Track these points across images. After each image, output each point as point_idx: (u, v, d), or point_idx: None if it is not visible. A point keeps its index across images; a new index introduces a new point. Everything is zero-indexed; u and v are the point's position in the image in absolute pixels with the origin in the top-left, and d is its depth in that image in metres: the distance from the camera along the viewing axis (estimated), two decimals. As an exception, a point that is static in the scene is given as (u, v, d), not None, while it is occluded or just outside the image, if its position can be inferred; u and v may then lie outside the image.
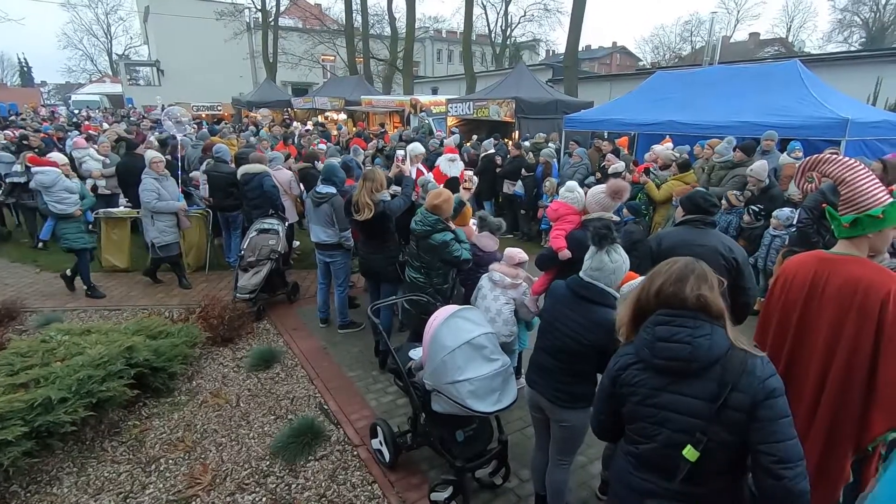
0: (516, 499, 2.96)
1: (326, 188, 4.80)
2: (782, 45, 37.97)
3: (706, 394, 1.49)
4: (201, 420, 3.74)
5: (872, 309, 1.87)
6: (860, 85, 11.23)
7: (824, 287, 2.00)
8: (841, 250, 2.05)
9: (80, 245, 5.74)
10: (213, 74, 32.28)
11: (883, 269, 2.00)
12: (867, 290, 1.89)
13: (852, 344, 1.92)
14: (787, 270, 2.19)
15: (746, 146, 6.11)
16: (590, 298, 2.28)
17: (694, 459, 1.48)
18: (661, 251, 2.75)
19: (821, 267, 2.04)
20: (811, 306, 2.04)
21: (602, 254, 2.26)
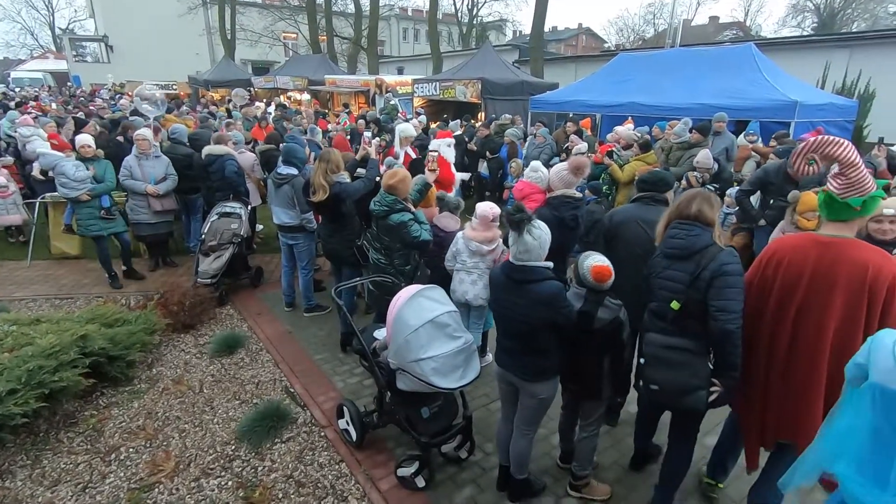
0: (481, 471, 3.05)
1: (287, 169, 4.71)
2: (740, 28, 38.98)
3: (688, 270, 2.29)
4: (163, 407, 3.67)
5: (880, 291, 1.97)
6: (810, 69, 11.69)
7: (830, 270, 2.05)
8: (835, 233, 2.10)
9: (93, 232, 5.46)
10: (168, 51, 30.70)
11: (882, 251, 2.09)
12: (876, 274, 1.97)
13: (866, 323, 2.01)
14: (780, 251, 2.23)
15: (702, 127, 6.31)
16: (525, 280, 2.37)
17: (677, 308, 2.30)
18: (611, 226, 2.85)
19: (821, 249, 2.09)
20: (818, 289, 2.08)
21: (524, 235, 2.32)
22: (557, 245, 3.13)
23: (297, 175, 4.68)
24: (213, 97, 20.64)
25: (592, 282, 2.45)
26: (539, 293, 2.34)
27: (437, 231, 3.88)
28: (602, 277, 2.43)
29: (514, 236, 2.37)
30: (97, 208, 5.42)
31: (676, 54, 10.67)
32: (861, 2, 33.33)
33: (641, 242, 2.82)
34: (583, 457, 2.79)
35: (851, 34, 17.62)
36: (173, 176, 5.90)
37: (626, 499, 2.86)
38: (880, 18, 33.32)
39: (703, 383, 2.27)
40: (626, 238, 2.88)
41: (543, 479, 2.94)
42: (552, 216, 3.09)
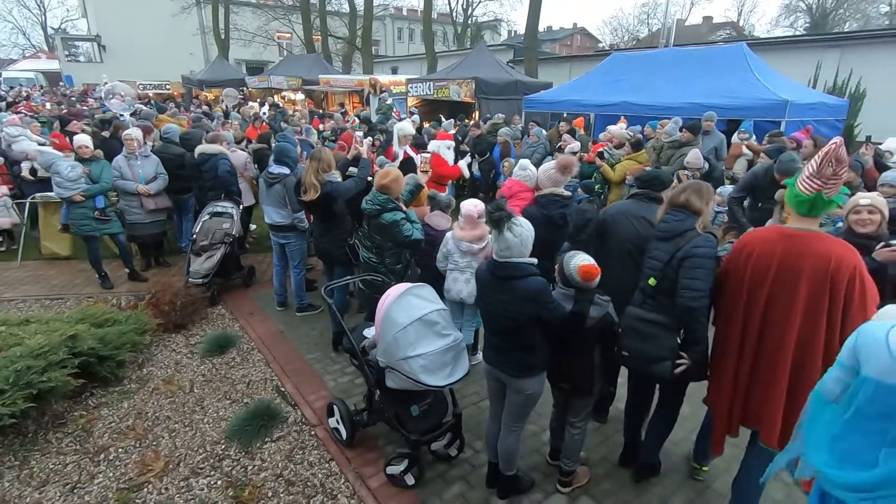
0: (470, 468, 3.06)
1: (279, 168, 4.70)
2: (734, 28, 39.17)
3: (668, 251, 2.47)
4: (153, 407, 3.66)
5: (842, 282, 2.04)
6: (802, 68, 11.77)
7: (796, 261, 2.12)
8: (802, 226, 2.17)
9: (85, 232, 5.42)
10: (161, 51, 30.52)
11: (846, 243, 2.15)
12: (838, 264, 2.04)
13: (830, 311, 2.08)
14: (751, 244, 2.30)
15: (692, 126, 6.34)
16: (509, 276, 2.39)
17: (653, 284, 2.51)
18: (603, 220, 2.90)
19: (788, 242, 2.16)
20: (785, 279, 2.16)
21: (505, 233, 2.34)
22: (546, 243, 3.17)
23: (289, 174, 4.67)
24: (208, 97, 20.58)
25: (580, 281, 2.46)
26: (523, 289, 2.36)
27: (428, 230, 3.88)
28: (590, 276, 2.44)
29: (496, 234, 2.39)
30: (91, 209, 5.38)
31: (669, 54, 10.72)
32: (853, 2, 33.56)
33: (630, 238, 2.85)
34: (571, 452, 2.80)
35: (842, 34, 17.75)
36: (163, 175, 5.87)
37: (614, 494, 2.88)
38: (872, 18, 33.56)
39: (668, 355, 2.45)
40: (616, 233, 2.91)
41: (532, 475, 2.95)
42: (540, 214, 3.10)
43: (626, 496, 2.87)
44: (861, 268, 2.05)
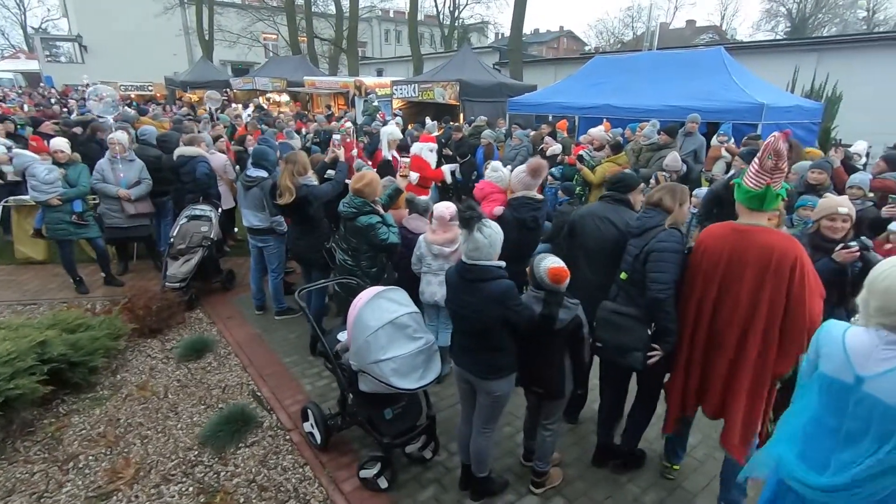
0: (445, 471, 3.06)
1: (257, 172, 4.67)
2: (716, 32, 39.78)
3: (639, 246, 2.59)
4: (125, 414, 3.61)
5: (784, 272, 2.17)
6: (781, 72, 11.97)
7: (743, 253, 2.27)
8: (751, 221, 2.32)
9: (60, 236, 5.31)
10: (144, 52, 30.10)
11: (789, 236, 2.30)
12: (780, 256, 2.17)
13: (770, 301, 2.22)
14: (705, 239, 2.46)
15: (670, 129, 6.44)
16: (477, 279, 2.40)
17: (624, 279, 2.66)
18: (573, 221, 2.96)
19: (738, 236, 2.31)
20: (734, 269, 2.31)
21: (475, 234, 2.35)
22: (518, 246, 3.20)
23: (267, 177, 4.64)
24: (192, 98, 20.36)
25: (549, 283, 2.48)
26: (491, 291, 2.38)
27: (405, 233, 3.88)
28: (558, 279, 2.47)
29: (465, 234, 2.40)
30: (68, 213, 5.28)
31: (650, 57, 10.86)
32: (831, 7, 34.28)
33: (596, 238, 2.90)
34: (543, 454, 2.82)
35: (820, 39, 18.12)
36: (147, 180, 5.77)
37: (586, 494, 2.90)
38: (850, 23, 34.32)
39: (639, 346, 2.54)
40: (583, 234, 2.96)
41: (506, 476, 2.97)
42: (512, 217, 3.13)
43: (599, 496, 2.89)
44: (803, 258, 2.16)
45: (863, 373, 1.56)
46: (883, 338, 1.53)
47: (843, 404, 1.62)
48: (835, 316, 3.01)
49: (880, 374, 1.51)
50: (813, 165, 4.60)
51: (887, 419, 1.51)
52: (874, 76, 12.28)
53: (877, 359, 1.53)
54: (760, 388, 2.34)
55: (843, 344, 1.62)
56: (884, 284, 1.49)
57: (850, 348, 1.60)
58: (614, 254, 2.74)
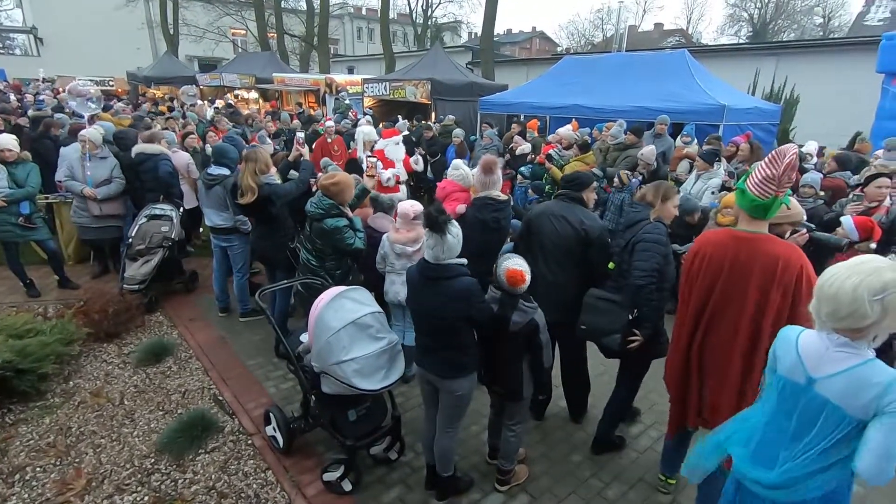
0: (410, 471, 3.04)
1: (218, 170, 4.55)
2: (683, 35, 40.89)
3: (626, 238, 2.78)
4: (77, 422, 3.46)
5: (790, 281, 2.12)
6: (743, 75, 12.38)
7: (746, 262, 2.19)
8: (752, 228, 2.24)
9: (5, 238, 5.03)
10: (104, 45, 28.93)
11: (793, 245, 2.24)
12: (786, 266, 2.12)
13: (777, 310, 2.16)
14: (704, 247, 2.37)
15: (636, 129, 6.57)
16: (440, 277, 2.40)
17: (612, 268, 2.86)
18: (529, 218, 3.00)
19: (739, 244, 2.23)
20: (736, 279, 2.23)
21: (444, 237, 2.34)
22: (482, 246, 3.20)
23: (229, 175, 4.52)
24: (155, 94, 19.69)
25: (506, 284, 2.47)
26: (456, 288, 2.38)
27: (370, 232, 3.84)
28: (514, 281, 2.45)
29: (436, 237, 2.37)
30: (14, 214, 5.01)
31: (617, 59, 11.08)
32: (790, 13, 35.67)
33: (552, 236, 2.93)
34: (507, 453, 2.83)
35: (778, 43, 18.84)
36: (119, 180, 5.52)
37: (550, 490, 2.93)
38: (807, 29, 35.80)
39: (617, 328, 2.74)
40: (540, 232, 2.99)
41: (472, 475, 2.97)
42: (475, 218, 3.13)
43: (562, 492, 2.92)
44: (807, 267, 2.13)
45: (814, 374, 1.60)
46: (834, 341, 1.57)
47: (794, 404, 1.67)
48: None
49: (831, 376, 1.56)
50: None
51: (833, 419, 1.56)
52: (829, 79, 12.83)
53: (828, 360, 1.57)
54: None
55: (795, 346, 1.67)
56: (832, 290, 1.51)
57: (802, 351, 1.65)
58: (570, 251, 2.77)
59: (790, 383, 1.68)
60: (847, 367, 1.54)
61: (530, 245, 2.96)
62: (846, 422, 1.54)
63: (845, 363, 1.54)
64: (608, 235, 3.01)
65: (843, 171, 5.61)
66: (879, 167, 5.16)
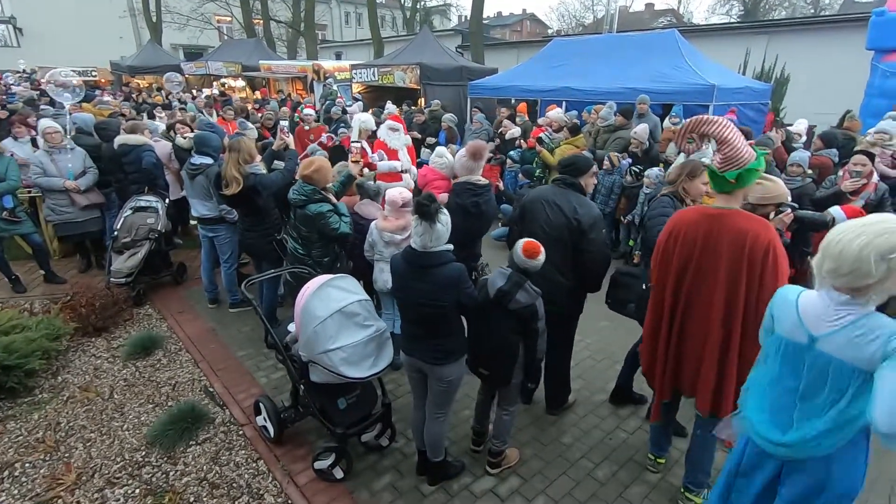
0: (402, 457, 3.06)
1: (201, 159, 4.48)
2: (674, 15, 40.46)
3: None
4: (66, 417, 3.44)
5: (758, 256, 2.13)
6: (734, 54, 12.29)
7: (717, 239, 2.22)
8: (722, 205, 2.26)
9: None
10: (86, 34, 28.28)
11: (761, 219, 2.24)
12: (754, 240, 2.13)
13: (748, 285, 2.18)
14: (678, 226, 2.37)
15: (625, 110, 6.51)
16: (429, 265, 2.38)
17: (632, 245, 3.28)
18: (524, 204, 2.95)
19: (710, 221, 2.25)
20: (708, 256, 2.25)
21: (434, 225, 2.32)
22: (464, 232, 3.17)
23: (212, 164, 4.45)
24: (140, 84, 19.31)
25: (521, 256, 2.50)
26: (445, 275, 2.37)
27: (357, 219, 3.80)
28: (532, 253, 2.48)
29: (426, 226, 2.34)
30: None
31: (606, 40, 10.93)
32: (781, -9, 35.34)
33: (543, 223, 2.89)
34: (500, 433, 2.84)
35: (769, 22, 18.71)
36: (93, 169, 5.45)
37: (541, 472, 2.95)
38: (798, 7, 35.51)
39: (633, 298, 3.05)
40: (533, 218, 2.95)
41: (463, 459, 2.98)
42: (454, 203, 3.10)
43: (553, 473, 2.94)
44: (775, 242, 2.14)
45: (816, 332, 1.62)
46: (835, 299, 1.58)
47: (798, 364, 1.69)
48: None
49: (832, 333, 1.58)
50: (756, 142, 4.76)
51: (841, 375, 1.58)
52: (820, 57, 12.75)
53: (829, 319, 1.59)
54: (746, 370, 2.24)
55: (795, 306, 1.69)
56: (838, 248, 1.52)
57: (802, 310, 1.67)
58: (561, 239, 2.74)
59: (791, 344, 1.70)
60: (848, 322, 1.55)
61: (524, 231, 2.92)
62: (855, 375, 1.55)
63: (846, 320, 1.56)
64: (603, 224, 2.95)
65: (829, 148, 5.61)
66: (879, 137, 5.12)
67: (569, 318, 3.10)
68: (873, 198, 3.89)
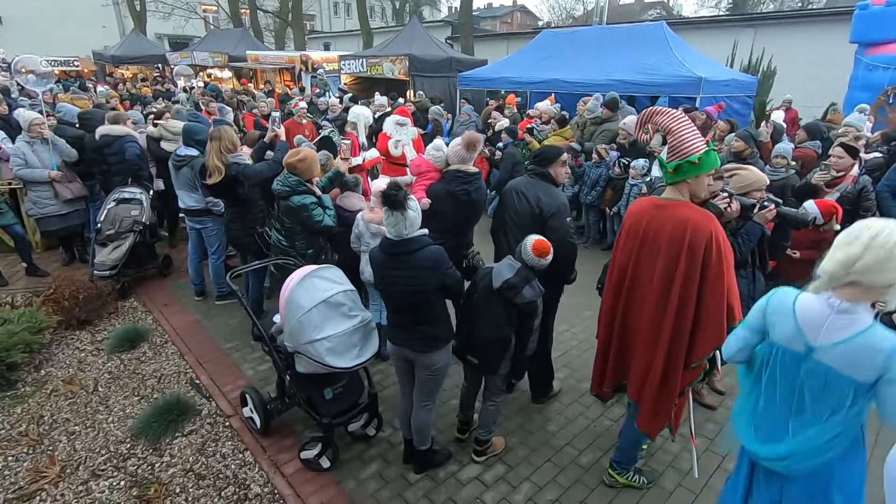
0: (389, 446, 3.08)
1: (186, 150, 4.42)
2: (663, 7, 40.55)
3: None
4: (50, 411, 3.41)
5: (699, 247, 2.11)
6: (722, 47, 12.35)
7: (659, 229, 2.21)
8: (669, 196, 2.26)
9: None
10: (69, 24, 27.57)
11: (705, 211, 2.24)
12: (694, 231, 2.11)
13: (685, 278, 2.15)
14: (629, 216, 2.40)
15: (610, 103, 6.53)
16: (406, 251, 2.39)
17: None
18: (503, 192, 3.01)
19: (656, 211, 2.25)
20: (649, 245, 2.26)
21: (405, 211, 2.33)
22: (456, 219, 3.18)
23: (197, 156, 4.40)
24: (124, 74, 18.98)
25: (531, 255, 2.50)
26: (425, 259, 2.38)
27: (342, 212, 3.78)
28: (542, 252, 2.49)
29: (397, 215, 2.34)
30: None
31: (595, 32, 10.93)
32: (769, -16, 35.48)
33: (513, 212, 2.94)
34: (486, 423, 2.87)
35: (756, 15, 18.79)
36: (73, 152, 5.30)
37: (526, 459, 2.98)
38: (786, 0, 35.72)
39: None
40: (506, 206, 3.00)
41: (449, 447, 3.01)
42: (443, 190, 3.11)
43: (538, 460, 2.98)
44: (718, 233, 2.13)
45: (814, 342, 1.56)
46: (835, 306, 1.52)
47: (795, 374, 1.63)
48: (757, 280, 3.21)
49: (833, 345, 1.53)
50: (735, 135, 4.82)
51: (840, 386, 1.53)
52: (806, 50, 12.88)
53: (829, 327, 1.53)
54: (673, 369, 2.29)
55: (793, 313, 1.61)
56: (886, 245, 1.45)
57: (800, 317, 1.60)
58: (527, 227, 2.76)
59: (788, 352, 1.63)
60: (849, 336, 1.50)
61: (502, 218, 2.95)
62: (853, 388, 1.51)
63: (847, 331, 1.50)
64: (567, 213, 2.94)
65: (813, 140, 5.68)
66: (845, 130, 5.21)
67: (545, 308, 3.08)
68: (850, 190, 3.94)
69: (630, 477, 2.74)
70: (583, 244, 6.26)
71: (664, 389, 2.35)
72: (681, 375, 2.32)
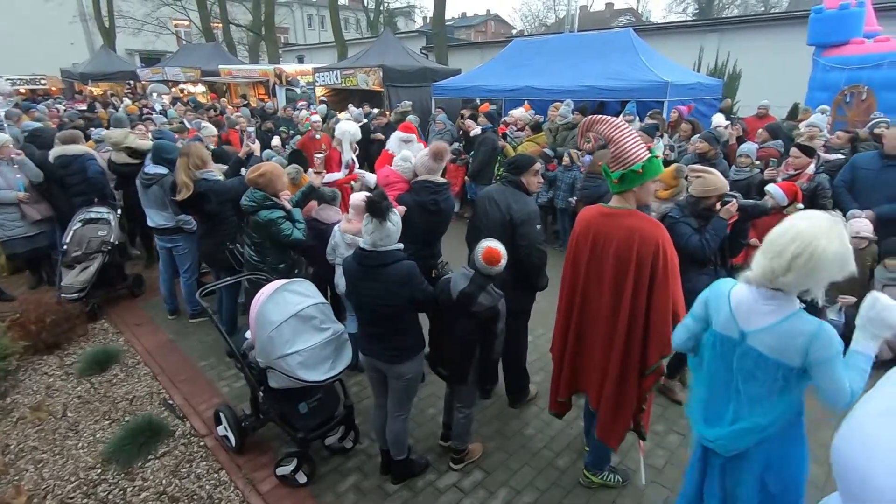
0: (366, 458, 3.06)
1: (155, 168, 4.38)
2: (633, 14, 41.53)
3: None
4: (17, 439, 3.31)
5: (647, 257, 2.14)
6: (688, 52, 12.70)
7: (606, 238, 2.22)
8: (616, 204, 2.27)
9: None
10: (35, 40, 26.98)
11: (653, 220, 2.27)
12: (642, 240, 2.14)
13: (634, 288, 2.18)
14: (578, 224, 2.41)
15: (582, 108, 6.67)
16: (380, 264, 2.40)
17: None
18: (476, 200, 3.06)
19: (603, 220, 2.27)
20: (597, 255, 2.27)
21: (385, 223, 2.34)
22: (424, 230, 3.21)
23: (167, 174, 4.34)
24: (93, 92, 18.62)
25: (482, 263, 2.47)
26: (397, 273, 2.39)
27: (318, 224, 3.78)
28: (491, 260, 2.45)
29: (376, 223, 2.36)
30: None
31: (565, 40, 11.15)
32: (733, -11, 36.69)
33: (485, 220, 2.97)
34: (460, 433, 2.88)
35: (720, 19, 19.41)
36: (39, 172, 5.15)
37: (504, 464, 3.00)
38: (751, 5, 36.94)
39: None
40: (478, 214, 3.03)
41: (428, 456, 3.01)
42: (412, 200, 3.13)
43: (516, 464, 3.00)
44: (665, 243, 2.16)
45: (746, 328, 1.67)
46: (762, 294, 1.63)
47: (730, 358, 1.74)
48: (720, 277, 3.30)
49: (760, 330, 1.63)
50: (699, 137, 4.97)
51: (767, 369, 1.64)
52: (769, 53, 13.30)
53: (757, 313, 1.64)
54: (628, 377, 2.32)
55: (728, 300, 1.73)
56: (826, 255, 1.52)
57: (734, 305, 1.71)
58: (500, 235, 2.79)
59: (725, 338, 1.74)
60: (774, 322, 1.61)
61: (474, 228, 2.99)
62: (782, 371, 1.61)
63: (773, 317, 1.61)
64: (537, 220, 2.97)
65: (775, 140, 5.88)
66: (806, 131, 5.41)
67: (519, 313, 3.12)
68: (806, 187, 4.10)
69: (605, 476, 2.78)
70: (557, 248, 6.34)
71: (620, 400, 2.37)
72: (636, 384, 2.34)
